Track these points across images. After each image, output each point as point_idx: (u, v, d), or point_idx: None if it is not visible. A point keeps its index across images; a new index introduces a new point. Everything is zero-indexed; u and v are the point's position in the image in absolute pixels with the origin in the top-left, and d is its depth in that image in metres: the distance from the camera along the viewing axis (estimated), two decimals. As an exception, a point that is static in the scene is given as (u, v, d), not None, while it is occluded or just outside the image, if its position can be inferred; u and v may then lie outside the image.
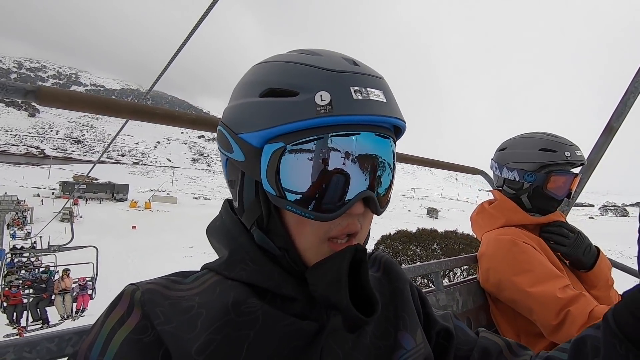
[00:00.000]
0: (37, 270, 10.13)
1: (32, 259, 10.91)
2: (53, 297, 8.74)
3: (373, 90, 0.45)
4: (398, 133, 0.53)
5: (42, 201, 48.12)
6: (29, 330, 8.10)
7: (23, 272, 9.97)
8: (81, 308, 8.93)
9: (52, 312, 8.68)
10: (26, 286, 8.86)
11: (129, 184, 69.57)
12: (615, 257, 1.31)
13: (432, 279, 1.34)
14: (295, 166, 0.44)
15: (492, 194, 1.46)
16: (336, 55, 0.49)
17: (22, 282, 8.97)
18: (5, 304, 8.21)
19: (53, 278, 9.42)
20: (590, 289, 1.25)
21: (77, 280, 9.25)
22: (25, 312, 8.32)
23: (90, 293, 9.18)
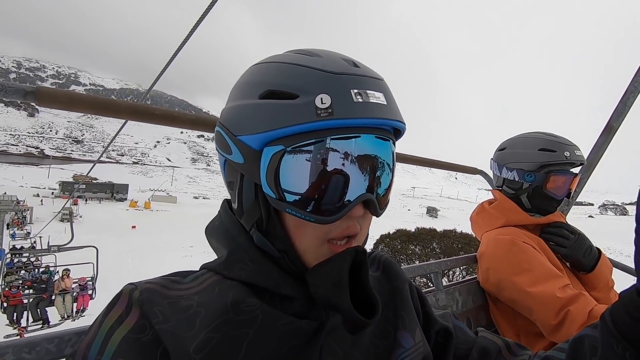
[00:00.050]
0: (37, 270, 10.12)
1: (32, 259, 10.90)
2: (53, 297, 8.73)
3: (373, 92, 0.45)
4: (397, 134, 0.52)
5: (42, 201, 48.10)
6: (30, 330, 8.09)
7: (23, 272, 9.96)
8: (81, 308, 8.92)
9: (53, 313, 8.67)
10: (26, 286, 8.85)
11: (129, 184, 69.60)
12: (614, 256, 1.32)
13: (432, 279, 1.34)
14: (295, 169, 0.44)
15: (492, 194, 1.46)
16: (336, 56, 0.49)
17: (22, 283, 8.96)
18: (5, 305, 8.20)
19: (53, 278, 9.41)
20: (590, 291, 1.24)
21: (77, 280, 9.25)
22: (25, 313, 8.30)
23: (90, 293, 9.17)
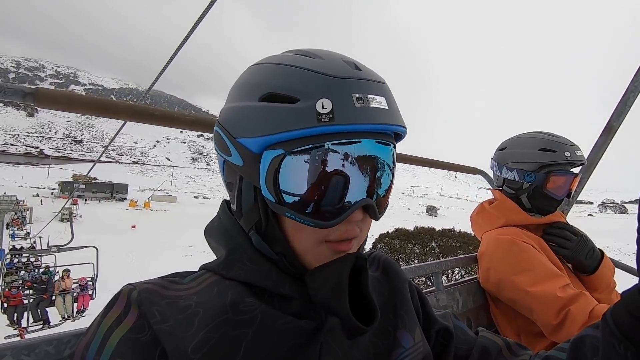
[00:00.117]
0: (37, 270, 10.11)
1: (32, 260, 10.89)
2: (53, 298, 8.72)
3: (375, 97, 0.45)
4: (398, 137, 0.52)
5: (42, 201, 48.09)
6: (30, 330, 8.09)
7: (23, 273, 9.95)
8: (82, 308, 8.92)
9: (53, 313, 8.67)
10: (26, 287, 8.84)
11: (128, 184, 69.53)
12: (614, 254, 1.32)
13: (432, 279, 1.33)
14: (295, 173, 0.44)
15: (492, 194, 1.46)
16: (337, 58, 0.48)
17: (22, 283, 8.95)
18: (5, 305, 8.19)
19: (53, 278, 9.40)
20: (591, 292, 1.23)
21: (78, 280, 9.25)
22: (25, 313, 8.30)
23: (90, 293, 9.17)
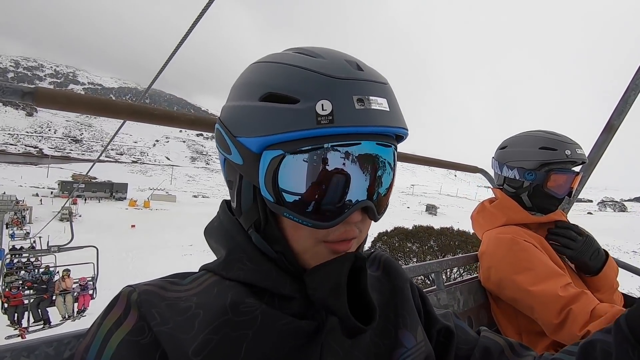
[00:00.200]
0: (37, 270, 10.09)
1: (32, 260, 10.87)
2: (54, 298, 8.71)
3: (376, 98, 0.44)
4: (399, 139, 0.52)
5: (41, 201, 48.13)
6: (31, 331, 8.08)
7: (23, 273, 9.93)
8: (82, 308, 8.91)
9: (53, 313, 8.66)
10: (27, 287, 8.83)
11: (128, 183, 69.62)
12: (613, 252, 1.32)
13: (431, 278, 1.33)
14: (294, 174, 0.44)
15: (493, 193, 1.46)
16: (339, 58, 0.47)
17: (23, 283, 8.94)
18: (6, 305, 8.18)
19: (53, 278, 9.39)
20: (594, 292, 1.22)
21: (78, 280, 9.24)
22: (26, 313, 8.29)
23: (91, 293, 9.15)
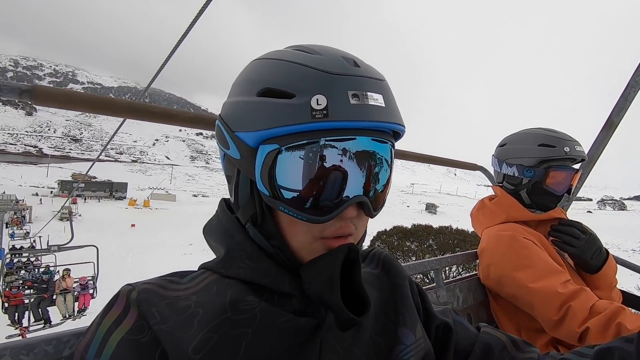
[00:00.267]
0: (37, 270, 10.09)
1: (32, 259, 10.87)
2: (54, 297, 8.71)
3: (372, 94, 0.44)
4: (397, 136, 0.52)
5: (41, 200, 48.07)
6: (31, 330, 8.08)
7: (23, 273, 9.94)
8: (83, 307, 8.92)
9: (54, 312, 8.66)
10: (27, 286, 8.84)
11: (128, 182, 69.50)
12: (613, 251, 1.31)
13: (430, 276, 1.34)
14: (289, 168, 0.44)
15: (493, 190, 1.46)
16: (336, 54, 0.47)
17: (23, 283, 8.95)
18: (6, 305, 8.19)
19: (53, 278, 9.40)
20: (592, 289, 1.22)
21: (78, 279, 9.24)
22: (26, 313, 8.29)
23: (91, 292, 9.16)
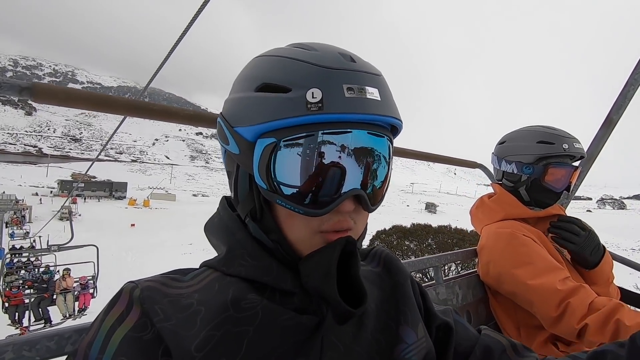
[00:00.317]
0: (37, 270, 10.09)
1: (32, 259, 10.87)
2: (54, 297, 8.72)
3: (368, 88, 0.45)
4: (395, 131, 0.52)
5: (41, 200, 48.02)
6: (32, 330, 8.09)
7: (23, 272, 9.94)
8: (83, 307, 8.92)
9: (54, 312, 8.67)
10: (27, 286, 8.84)
11: (127, 182, 69.38)
12: (612, 250, 1.32)
13: (430, 273, 1.34)
14: (286, 161, 0.44)
15: (492, 188, 1.47)
16: (333, 50, 0.48)
17: (23, 282, 8.95)
18: (7, 305, 8.19)
19: (54, 278, 9.40)
20: (590, 285, 1.23)
21: (78, 279, 9.25)
22: (27, 312, 8.30)
23: (91, 292, 9.17)
